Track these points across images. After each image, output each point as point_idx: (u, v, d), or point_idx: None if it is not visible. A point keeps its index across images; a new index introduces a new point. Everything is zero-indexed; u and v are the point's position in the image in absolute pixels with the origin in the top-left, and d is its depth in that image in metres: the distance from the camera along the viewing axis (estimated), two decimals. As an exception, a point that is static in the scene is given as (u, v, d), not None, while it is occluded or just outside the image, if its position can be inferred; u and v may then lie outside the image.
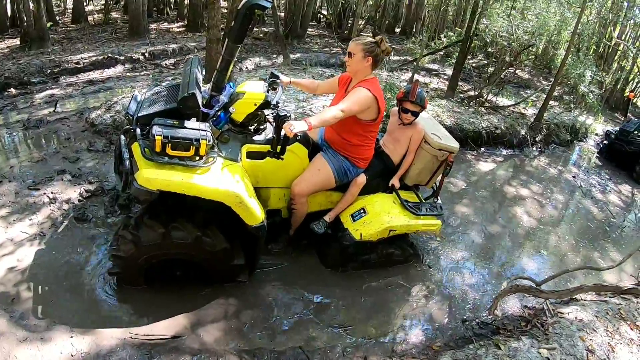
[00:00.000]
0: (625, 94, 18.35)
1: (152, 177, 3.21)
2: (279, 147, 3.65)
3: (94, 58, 11.13)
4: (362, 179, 4.27)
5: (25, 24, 11.79)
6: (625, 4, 16.75)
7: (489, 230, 6.38)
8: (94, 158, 6.00)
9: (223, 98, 3.88)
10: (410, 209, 4.41)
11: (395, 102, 4.63)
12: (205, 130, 3.43)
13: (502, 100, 12.10)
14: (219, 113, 3.85)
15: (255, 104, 3.79)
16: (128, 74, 10.92)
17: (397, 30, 21.88)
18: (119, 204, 5.13)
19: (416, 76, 11.54)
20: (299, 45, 14.84)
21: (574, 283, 5.55)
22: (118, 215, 5.02)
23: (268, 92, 3.98)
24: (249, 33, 3.78)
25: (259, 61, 12.67)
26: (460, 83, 12.30)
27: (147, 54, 12.13)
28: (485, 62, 14.89)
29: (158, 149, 3.26)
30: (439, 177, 4.76)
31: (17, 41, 12.42)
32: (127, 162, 3.35)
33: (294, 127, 3.32)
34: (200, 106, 3.64)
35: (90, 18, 16.16)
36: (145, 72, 11.18)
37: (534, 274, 5.63)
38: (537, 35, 11.28)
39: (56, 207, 4.98)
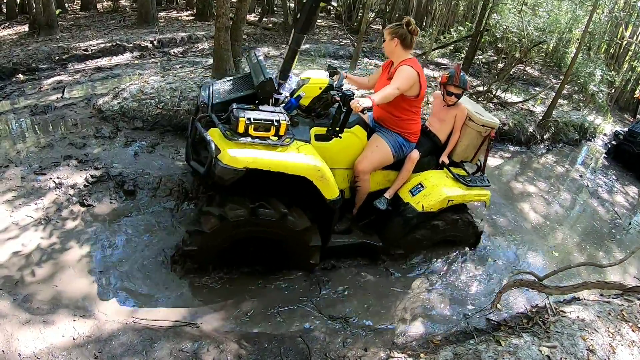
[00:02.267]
0: (635, 95, 18.19)
1: (238, 155, 3.40)
2: (338, 127, 3.98)
3: (102, 45, 11.13)
4: (415, 154, 4.57)
5: (34, 10, 11.80)
6: (639, 4, 16.57)
7: (494, 225, 6.36)
8: (101, 144, 6.00)
9: (291, 84, 4.17)
10: (463, 181, 4.78)
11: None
12: (283, 113, 3.76)
13: (511, 97, 12.02)
14: (289, 98, 4.11)
15: (320, 88, 4.06)
16: (136, 61, 10.91)
17: (407, 24, 21.78)
18: (124, 189, 5.15)
19: (425, 70, 11.47)
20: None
21: (577, 281, 5.54)
22: (123, 201, 5.04)
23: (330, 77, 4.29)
24: (313, 24, 4.11)
25: (267, 51, 12.64)
26: (469, 78, 12.23)
27: (155, 42, 12.12)
28: (495, 57, 14.80)
29: (241, 130, 3.53)
30: (482, 154, 5.11)
31: (25, 28, 12.44)
32: (213, 145, 3.48)
33: (361, 103, 3.66)
34: (276, 90, 3.95)
35: (99, 5, 16.17)
36: (153, 59, 11.18)
37: (537, 270, 5.61)
38: (547, 32, 11.21)
39: (62, 192, 4.99)
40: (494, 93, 11.35)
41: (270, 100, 3.99)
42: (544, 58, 18.00)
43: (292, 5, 16.63)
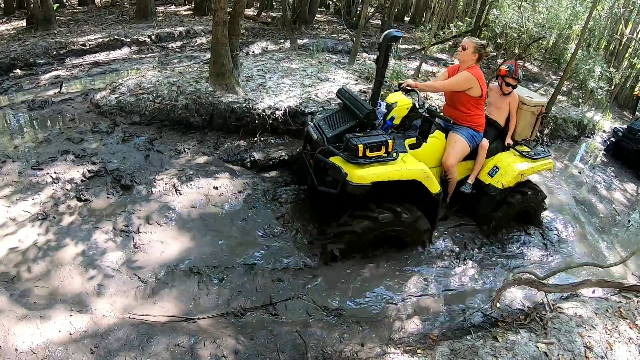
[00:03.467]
0: (635, 92, 18.12)
1: (364, 174, 4.30)
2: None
3: (100, 40, 11.09)
4: (485, 142, 5.40)
5: (32, 5, 11.75)
6: (639, 1, 16.52)
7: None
8: (98, 139, 5.98)
9: (383, 110, 5.00)
10: (528, 156, 5.62)
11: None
12: (387, 134, 4.61)
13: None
14: (385, 121, 4.93)
15: (407, 108, 4.95)
16: (134, 56, 10.89)
17: (407, 18, 21.73)
18: (121, 184, 5.15)
19: (424, 65, 11.44)
20: (306, 31, 14.74)
21: (576, 280, 5.54)
22: (120, 195, 5.03)
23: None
24: (390, 58, 5.10)
25: (266, 45, 12.62)
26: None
27: (153, 37, 12.08)
28: (494, 53, 14.76)
29: (360, 154, 4.36)
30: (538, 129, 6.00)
31: (23, 23, 12.38)
32: (342, 170, 4.32)
33: (410, 83, 4.90)
34: (377, 117, 4.82)
35: (97, 0, 16.09)
36: (151, 54, 11.15)
37: (537, 266, 5.61)
38: (547, 28, 11.16)
39: (59, 187, 4.99)
40: (493, 89, 11.30)
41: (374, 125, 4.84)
42: (544, 54, 17.92)
43: (291, 0, 16.60)
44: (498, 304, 4.54)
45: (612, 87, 15.34)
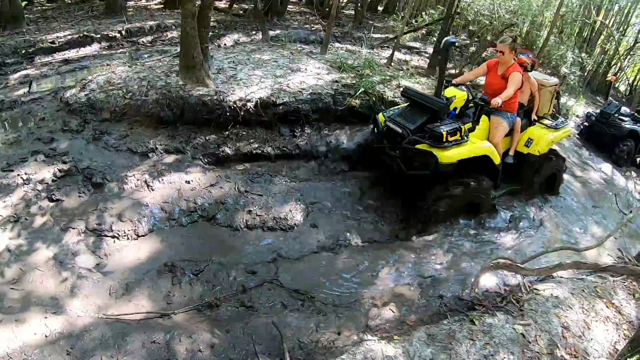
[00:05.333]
0: (607, 78, 18.36)
1: (450, 155, 5.33)
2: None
3: (69, 37, 10.85)
4: (518, 120, 6.34)
5: (0, 4, 11.48)
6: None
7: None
8: (68, 138, 5.87)
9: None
10: (552, 127, 6.67)
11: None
12: (458, 122, 5.70)
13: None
14: (450, 111, 6.05)
15: (464, 99, 6.28)
16: (104, 52, 10.69)
17: (380, 8, 21.63)
18: (92, 182, 5.09)
19: (397, 53, 11.46)
20: (278, 22, 14.56)
21: (553, 262, 5.63)
22: (91, 194, 4.98)
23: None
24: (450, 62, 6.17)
25: (237, 37, 12.49)
26: (441, 61, 12.24)
27: (123, 32, 11.84)
28: (467, 41, 14.81)
29: (444, 139, 5.32)
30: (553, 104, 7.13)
31: (-10, 22, 12.08)
32: (435, 154, 5.29)
33: (498, 102, 5.52)
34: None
35: (66, -4, 15.77)
36: (121, 50, 10.96)
37: (514, 252, 5.70)
38: (519, 15, 11.24)
39: (30, 188, 4.91)
40: (466, 76, 11.38)
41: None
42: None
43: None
44: (477, 289, 4.59)
45: (585, 73, 15.54)
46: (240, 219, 5.33)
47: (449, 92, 6.22)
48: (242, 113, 6.57)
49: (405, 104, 6.34)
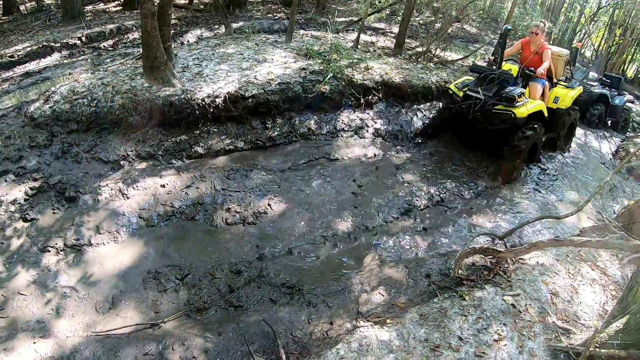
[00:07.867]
0: (573, 45, 18.63)
1: (522, 111, 6.90)
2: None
3: (28, 49, 10.57)
4: (547, 84, 7.89)
5: (-47, 19, 11.12)
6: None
7: (434, 182, 6.54)
8: (37, 154, 5.71)
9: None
10: (570, 87, 8.36)
11: None
12: (518, 88, 7.24)
13: (451, 55, 12.07)
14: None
15: (516, 71, 7.55)
16: (65, 60, 10.43)
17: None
18: (65, 197, 4.98)
19: (362, 36, 11.40)
20: (241, 14, 14.38)
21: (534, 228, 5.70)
22: (66, 209, 4.87)
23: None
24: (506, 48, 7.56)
25: (200, 33, 12.30)
26: (407, 40, 12.17)
27: (83, 38, 11.57)
28: (432, 18, 14.79)
29: (516, 100, 6.90)
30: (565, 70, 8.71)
31: (-56, 38, 11.70)
32: (513, 112, 6.87)
33: (541, 71, 7.26)
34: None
35: (22, 7, 15.31)
36: (83, 56, 10.71)
37: (493, 226, 5.74)
38: (482, -12, 11.27)
39: (2, 210, 4.77)
40: (433, 53, 11.38)
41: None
42: (481, 15, 18.10)
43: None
44: (460, 271, 4.61)
45: (551, 42, 15.64)
46: (219, 218, 5.27)
47: (506, 66, 7.72)
48: (211, 110, 6.49)
49: (473, 77, 7.80)
